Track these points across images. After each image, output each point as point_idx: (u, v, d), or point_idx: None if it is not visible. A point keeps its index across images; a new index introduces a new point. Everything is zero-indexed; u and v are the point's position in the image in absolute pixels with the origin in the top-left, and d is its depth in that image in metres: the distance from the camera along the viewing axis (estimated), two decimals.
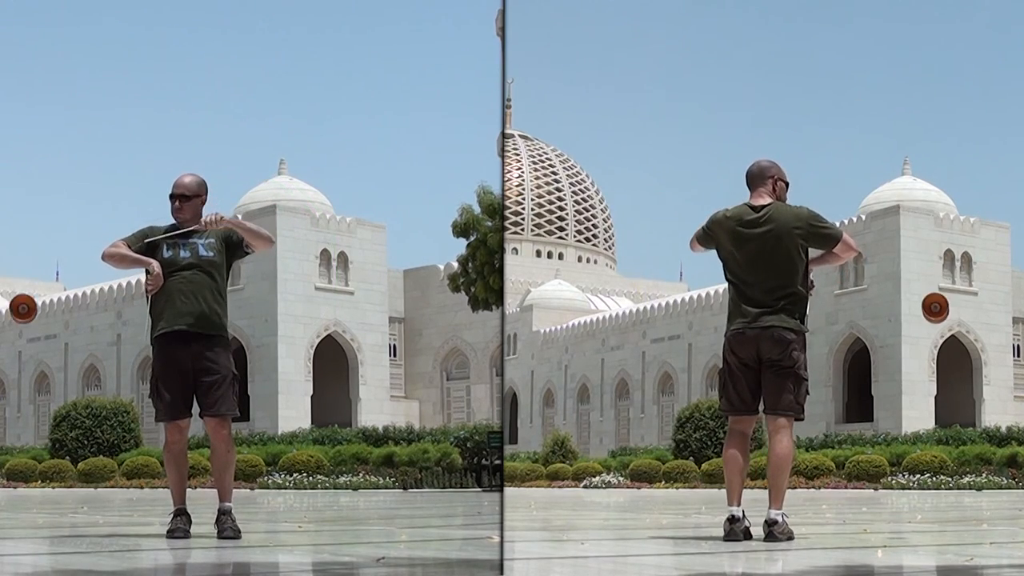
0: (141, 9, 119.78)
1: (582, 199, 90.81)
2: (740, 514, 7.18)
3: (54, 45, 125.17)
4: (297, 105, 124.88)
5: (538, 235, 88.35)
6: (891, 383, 58.08)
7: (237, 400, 7.72)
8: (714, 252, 7.64)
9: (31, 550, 7.19)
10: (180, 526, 7.48)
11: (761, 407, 7.46)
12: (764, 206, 7.45)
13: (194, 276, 7.58)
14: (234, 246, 7.77)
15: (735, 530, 7.15)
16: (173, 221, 7.76)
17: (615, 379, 73.35)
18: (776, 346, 7.28)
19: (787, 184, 7.64)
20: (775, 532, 7.05)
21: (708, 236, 7.57)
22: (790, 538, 7.08)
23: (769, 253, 7.34)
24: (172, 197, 7.71)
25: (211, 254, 7.66)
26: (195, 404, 7.65)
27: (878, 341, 58.43)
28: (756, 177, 7.56)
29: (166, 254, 7.62)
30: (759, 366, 7.33)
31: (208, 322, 7.58)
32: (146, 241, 7.66)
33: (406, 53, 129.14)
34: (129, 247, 7.65)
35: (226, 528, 7.40)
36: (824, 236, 7.46)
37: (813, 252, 7.57)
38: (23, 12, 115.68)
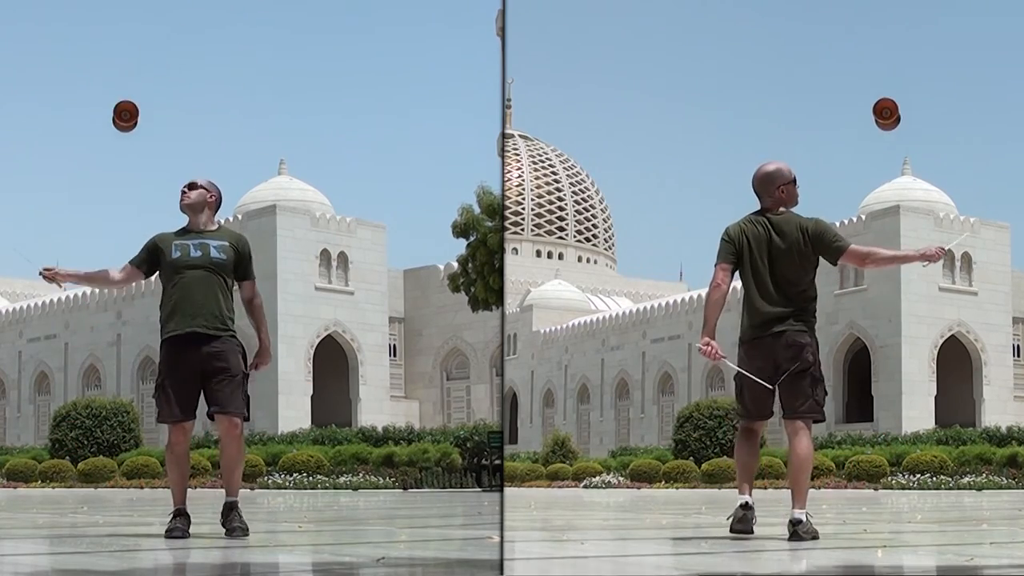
0: (141, 9, 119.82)
1: (582, 199, 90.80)
2: (752, 503, 7.36)
3: (54, 45, 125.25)
4: (297, 105, 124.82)
5: (538, 235, 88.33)
6: (891, 383, 58.09)
7: (247, 400, 7.72)
8: (711, 258, 7.65)
9: (31, 550, 7.18)
10: (179, 526, 7.48)
11: (777, 408, 7.52)
12: (780, 212, 7.51)
13: (205, 276, 7.60)
14: (243, 261, 7.80)
15: (748, 517, 7.30)
16: (182, 227, 7.80)
17: (615, 379, 73.35)
18: (790, 351, 7.35)
19: None
20: (800, 531, 7.13)
21: (732, 250, 7.46)
22: (815, 537, 7.14)
23: (784, 259, 7.39)
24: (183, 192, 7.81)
25: (223, 256, 7.67)
26: (199, 406, 7.67)
27: (878, 341, 58.43)
28: (781, 184, 7.56)
29: (175, 254, 7.63)
30: (775, 373, 7.38)
31: (219, 323, 7.59)
32: (157, 245, 7.73)
33: (406, 53, 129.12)
34: (137, 265, 7.79)
35: (234, 526, 7.43)
36: (830, 246, 7.52)
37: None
38: (23, 12, 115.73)
